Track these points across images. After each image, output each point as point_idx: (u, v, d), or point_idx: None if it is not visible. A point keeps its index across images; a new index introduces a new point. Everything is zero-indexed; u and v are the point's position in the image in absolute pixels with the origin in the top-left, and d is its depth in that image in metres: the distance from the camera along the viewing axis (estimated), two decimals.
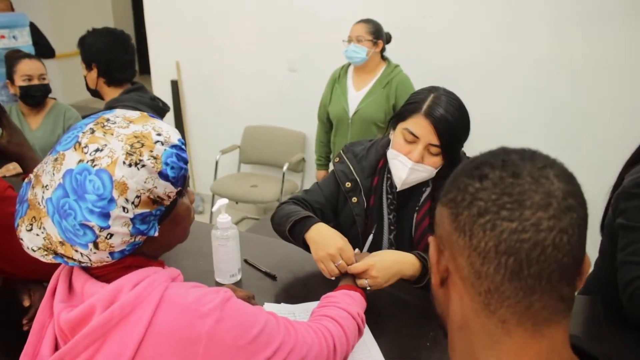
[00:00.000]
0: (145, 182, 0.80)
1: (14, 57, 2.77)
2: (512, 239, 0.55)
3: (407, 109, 1.49)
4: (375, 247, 1.66)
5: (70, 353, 0.82)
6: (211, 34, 4.24)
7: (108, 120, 0.85)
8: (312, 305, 1.50)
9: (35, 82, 2.65)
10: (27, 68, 2.64)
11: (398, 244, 1.65)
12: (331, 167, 3.24)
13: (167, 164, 0.83)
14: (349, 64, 3.06)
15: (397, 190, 1.58)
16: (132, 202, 0.79)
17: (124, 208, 0.79)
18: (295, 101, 4.04)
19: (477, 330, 0.60)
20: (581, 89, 3.11)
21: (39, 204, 0.81)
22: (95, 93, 2.29)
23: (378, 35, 2.89)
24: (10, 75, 2.68)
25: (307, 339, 0.99)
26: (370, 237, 1.63)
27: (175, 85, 4.49)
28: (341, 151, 1.72)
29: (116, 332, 0.80)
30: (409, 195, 1.61)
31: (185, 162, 0.88)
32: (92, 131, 0.82)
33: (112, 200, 0.78)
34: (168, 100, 4.31)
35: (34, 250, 0.83)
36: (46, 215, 0.80)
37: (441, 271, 0.64)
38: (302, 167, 4.16)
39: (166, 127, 0.88)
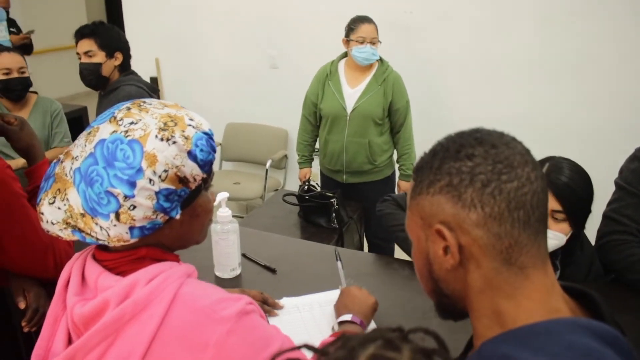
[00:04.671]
0: (174, 158, 0.81)
1: None
2: (517, 195, 0.64)
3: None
4: None
5: (83, 348, 0.81)
6: (191, 30, 4.20)
7: (144, 102, 0.88)
8: (315, 297, 1.51)
9: (15, 75, 2.57)
10: (6, 61, 2.56)
11: None
12: (315, 165, 3.27)
13: (196, 146, 0.83)
14: (339, 60, 3.05)
15: None
16: (159, 176, 0.80)
17: (150, 180, 0.79)
18: (277, 98, 4.03)
19: (500, 285, 0.66)
20: (567, 86, 3.17)
21: (66, 175, 0.82)
22: (100, 82, 2.47)
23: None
24: None
25: None
26: None
27: (154, 82, 4.43)
28: None
29: (129, 329, 0.80)
30: None
31: (214, 150, 0.88)
32: (129, 108, 0.85)
33: (140, 170, 0.78)
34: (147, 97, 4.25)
35: (52, 224, 0.82)
36: (72, 186, 0.80)
37: (456, 248, 0.67)
38: (284, 163, 4.15)
39: (198, 116, 0.90)
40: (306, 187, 2.62)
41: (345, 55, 3.01)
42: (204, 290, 0.85)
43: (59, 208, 0.81)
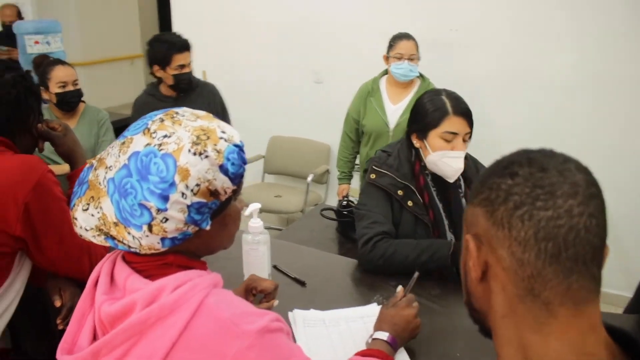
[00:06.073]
0: (206, 172, 0.82)
1: (46, 63, 2.80)
2: (549, 226, 0.60)
3: (434, 117, 1.71)
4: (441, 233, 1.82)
5: (107, 345, 0.83)
6: (238, 44, 4.29)
7: (177, 113, 0.89)
8: (342, 312, 1.49)
9: (70, 88, 2.69)
10: (62, 75, 2.68)
11: (455, 225, 1.82)
12: (354, 184, 3.25)
13: (228, 159, 0.84)
14: (380, 77, 3.06)
15: (451, 182, 1.76)
16: (191, 190, 0.81)
17: (182, 194, 0.80)
18: (321, 113, 4.06)
19: (523, 315, 0.64)
20: (601, 105, 3.09)
21: (99, 184, 0.83)
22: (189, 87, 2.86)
23: (419, 51, 2.91)
24: (44, 82, 2.68)
25: None
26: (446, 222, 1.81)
27: None
28: (375, 167, 1.83)
29: (152, 332, 0.81)
30: (447, 186, 1.80)
31: (245, 162, 0.89)
32: (162, 120, 0.86)
33: (173, 184, 0.79)
34: None
35: (86, 230, 0.84)
36: (105, 195, 0.82)
37: (481, 265, 0.68)
38: (326, 178, 4.16)
39: (230, 127, 0.90)
40: (345, 202, 2.61)
41: (386, 72, 3.01)
42: (229, 302, 0.86)
43: (93, 215, 0.83)
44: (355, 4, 3.73)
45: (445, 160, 1.71)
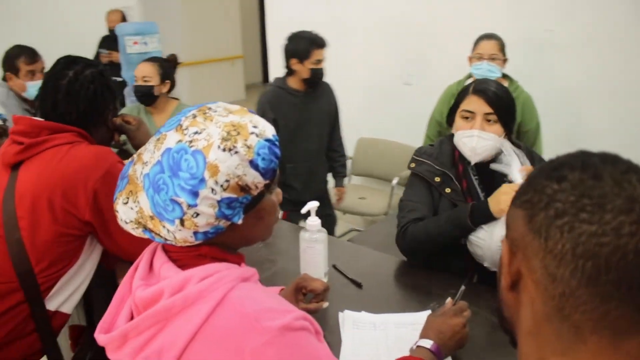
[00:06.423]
0: (235, 168, 0.83)
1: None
2: (590, 242, 0.53)
3: (458, 99, 1.74)
4: None
5: (135, 329, 0.86)
6: (331, 43, 4.32)
7: (210, 108, 0.90)
8: (393, 317, 1.46)
9: (139, 82, 2.82)
10: (137, 71, 2.85)
11: None
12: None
13: (258, 154, 0.85)
14: (466, 79, 2.96)
15: (473, 163, 1.73)
16: (221, 185, 0.82)
17: (212, 189, 0.82)
18: (409, 115, 3.98)
19: (548, 335, 0.58)
20: None
21: (137, 179, 0.87)
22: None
23: (505, 52, 2.77)
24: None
25: None
26: None
27: None
28: (414, 157, 1.86)
29: (176, 320, 0.83)
30: (492, 175, 1.72)
31: (277, 157, 0.89)
32: (194, 116, 0.88)
33: (202, 180, 0.81)
34: None
35: (126, 223, 0.89)
36: (142, 190, 0.85)
37: (513, 273, 0.62)
38: None
39: (263, 122, 0.91)
40: None
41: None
42: (254, 297, 0.86)
43: (132, 208, 0.87)
44: (447, 5, 3.63)
45: (463, 139, 1.70)
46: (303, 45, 2.90)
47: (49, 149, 1.45)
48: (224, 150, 0.83)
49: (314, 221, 1.58)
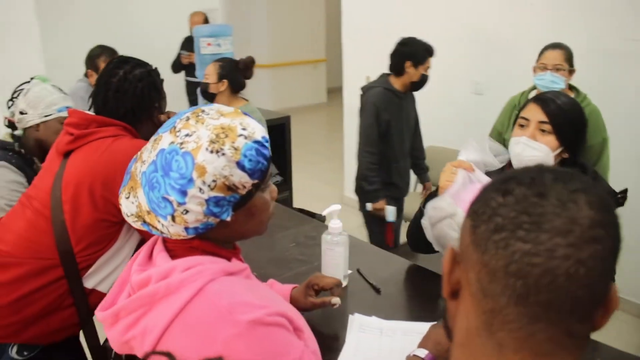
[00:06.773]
0: (222, 169, 0.89)
1: None
2: (523, 262, 0.52)
3: (520, 108, 1.69)
4: None
5: (125, 309, 0.94)
6: None
7: (203, 111, 0.96)
8: (402, 324, 1.46)
9: (204, 81, 2.96)
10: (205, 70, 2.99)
11: None
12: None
13: (245, 156, 0.90)
14: (530, 91, 2.84)
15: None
16: (208, 185, 0.88)
17: (200, 189, 0.88)
18: (478, 125, 3.87)
19: (475, 349, 0.58)
20: None
21: (137, 176, 0.95)
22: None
23: (572, 63, 2.64)
24: None
25: None
26: None
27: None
28: None
29: (160, 305, 0.90)
30: None
31: (265, 158, 0.94)
32: (188, 119, 0.94)
33: (191, 180, 0.88)
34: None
35: (128, 216, 0.97)
36: (140, 186, 0.93)
37: (452, 283, 0.63)
38: None
39: (254, 124, 0.96)
40: None
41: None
42: (233, 291, 0.92)
43: (132, 203, 0.95)
44: (520, 14, 3.50)
45: (511, 146, 1.67)
46: (420, 51, 3.03)
47: (95, 140, 1.58)
48: (211, 152, 0.88)
49: (336, 224, 1.60)
